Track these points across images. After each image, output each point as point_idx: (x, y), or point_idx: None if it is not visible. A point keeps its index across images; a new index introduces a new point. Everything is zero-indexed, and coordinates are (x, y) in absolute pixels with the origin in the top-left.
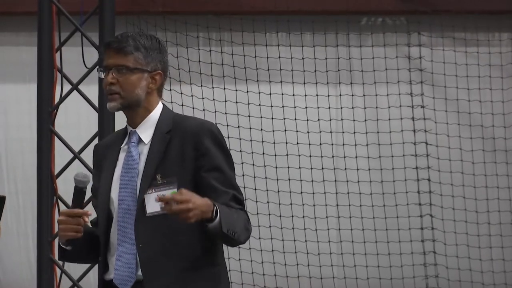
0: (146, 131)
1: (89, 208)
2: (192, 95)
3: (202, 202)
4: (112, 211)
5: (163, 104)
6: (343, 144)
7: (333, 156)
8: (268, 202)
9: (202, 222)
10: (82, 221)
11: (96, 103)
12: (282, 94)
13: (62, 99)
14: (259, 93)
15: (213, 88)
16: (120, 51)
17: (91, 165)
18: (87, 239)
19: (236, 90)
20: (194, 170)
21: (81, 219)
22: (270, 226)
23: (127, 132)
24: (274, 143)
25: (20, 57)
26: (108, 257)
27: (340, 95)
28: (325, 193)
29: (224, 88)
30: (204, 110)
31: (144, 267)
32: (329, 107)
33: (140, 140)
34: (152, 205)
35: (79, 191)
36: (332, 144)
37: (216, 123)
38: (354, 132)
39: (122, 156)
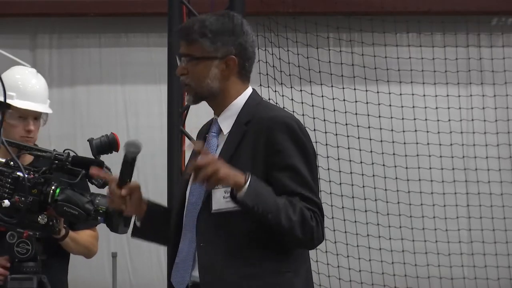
0: (227, 121)
1: None
2: (322, 96)
3: (231, 170)
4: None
5: (253, 89)
6: (474, 145)
7: (463, 157)
8: (398, 202)
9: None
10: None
11: None
12: (413, 94)
13: None
14: (390, 93)
15: (343, 88)
16: (186, 39)
17: None
18: (161, 218)
19: (366, 91)
20: (265, 168)
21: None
22: (400, 227)
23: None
24: (404, 143)
25: (151, 58)
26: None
27: (471, 95)
28: (455, 193)
29: (355, 89)
30: (334, 110)
31: (202, 269)
32: (459, 108)
33: (220, 130)
34: (219, 202)
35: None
36: (462, 145)
37: (346, 124)
38: (485, 133)
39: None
